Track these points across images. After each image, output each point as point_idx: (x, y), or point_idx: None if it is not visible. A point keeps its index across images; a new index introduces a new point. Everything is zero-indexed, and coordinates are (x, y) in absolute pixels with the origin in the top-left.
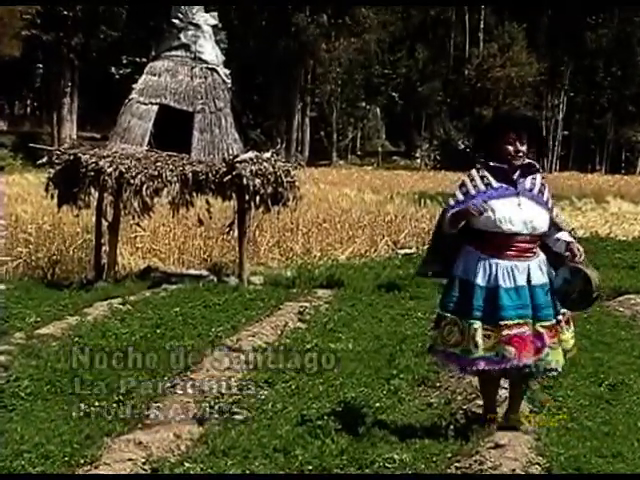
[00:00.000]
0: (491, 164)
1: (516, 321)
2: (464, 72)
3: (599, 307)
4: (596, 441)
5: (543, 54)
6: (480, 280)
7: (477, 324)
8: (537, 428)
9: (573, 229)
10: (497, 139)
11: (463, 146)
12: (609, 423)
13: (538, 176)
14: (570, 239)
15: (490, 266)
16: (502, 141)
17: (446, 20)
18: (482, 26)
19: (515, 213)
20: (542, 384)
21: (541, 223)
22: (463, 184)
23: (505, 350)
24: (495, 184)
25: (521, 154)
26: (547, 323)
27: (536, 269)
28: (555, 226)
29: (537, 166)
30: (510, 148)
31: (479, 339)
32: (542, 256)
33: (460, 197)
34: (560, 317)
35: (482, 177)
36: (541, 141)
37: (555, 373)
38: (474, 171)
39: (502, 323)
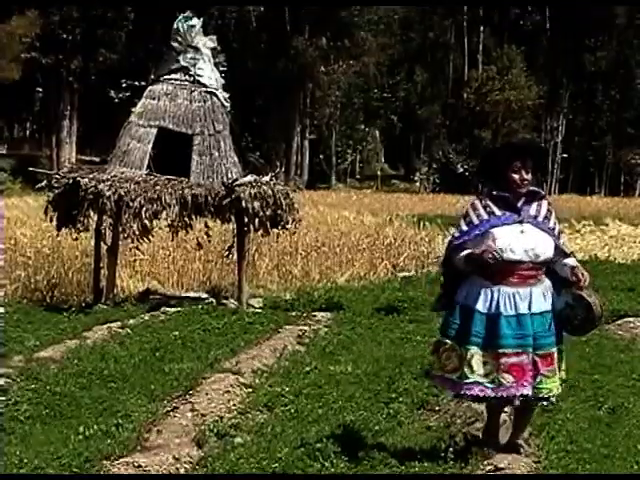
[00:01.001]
0: (494, 193)
1: (515, 350)
2: (463, 95)
3: (598, 330)
4: (595, 464)
5: (542, 77)
6: (481, 307)
7: (474, 349)
8: (536, 451)
9: (572, 252)
10: (502, 167)
11: (462, 170)
12: (608, 446)
13: (544, 202)
14: (575, 264)
15: (492, 293)
16: (507, 169)
17: (445, 43)
18: (481, 49)
19: (516, 241)
20: (541, 407)
21: (544, 250)
22: (467, 214)
23: (502, 378)
24: (498, 212)
25: (526, 182)
26: (543, 352)
27: (539, 296)
28: (562, 253)
29: (542, 193)
30: (515, 176)
31: (474, 364)
32: (547, 283)
33: (464, 227)
34: (562, 346)
35: (485, 206)
36: (544, 166)
37: (546, 403)
38: (477, 201)
39: (500, 351)
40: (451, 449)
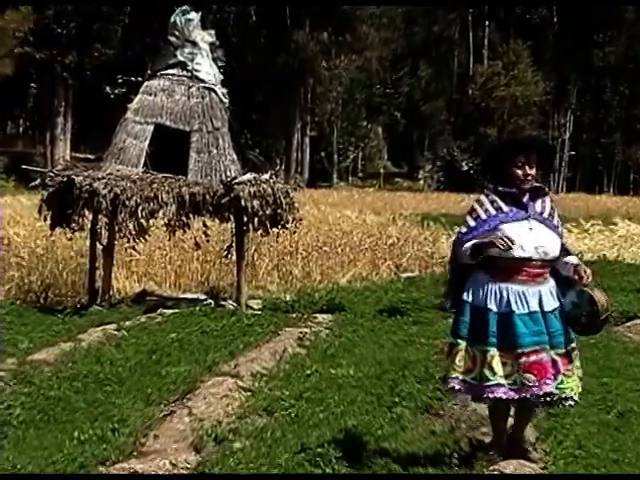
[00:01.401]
0: (500, 189)
1: (533, 348)
2: (468, 91)
3: (607, 332)
4: (604, 469)
5: (549, 72)
6: (493, 306)
7: (493, 351)
8: (543, 456)
9: (580, 252)
10: (505, 162)
11: (467, 167)
12: (617, 450)
13: (547, 199)
14: (578, 262)
15: (501, 291)
16: (511, 164)
17: (449, 37)
18: (486, 43)
19: (526, 237)
20: (548, 411)
21: (552, 248)
22: (473, 210)
23: (524, 378)
24: (505, 208)
25: (530, 177)
26: (561, 350)
27: (547, 294)
28: (565, 251)
29: (546, 189)
30: (519, 172)
31: (495, 365)
32: (552, 282)
33: (472, 223)
34: (573, 345)
35: (492, 202)
36: (551, 163)
37: (572, 402)
38: (483, 196)
39: (519, 351)
40: (456, 454)
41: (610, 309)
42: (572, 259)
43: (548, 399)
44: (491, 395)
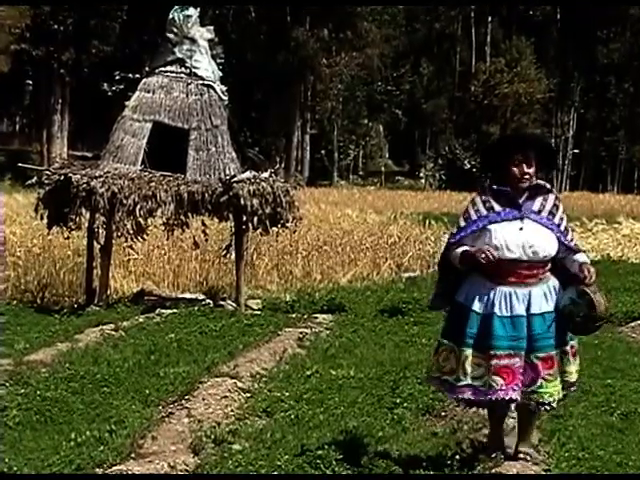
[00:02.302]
0: (494, 187)
1: (507, 352)
2: (470, 88)
3: (611, 333)
4: (608, 472)
5: (552, 69)
6: (477, 306)
7: (468, 351)
8: (547, 458)
9: (584, 251)
10: (503, 160)
11: (469, 166)
12: (621, 453)
13: (550, 197)
14: (585, 260)
15: (488, 292)
16: (508, 163)
17: (452, 34)
18: (489, 40)
19: (514, 238)
20: (551, 413)
21: (544, 247)
22: (466, 211)
23: (492, 380)
24: (497, 207)
25: (527, 176)
26: (543, 354)
27: (539, 296)
28: (570, 249)
29: (548, 187)
30: (516, 170)
31: (468, 366)
32: (552, 282)
33: (462, 223)
34: (567, 348)
35: (484, 201)
36: (553, 162)
37: (548, 408)
38: (477, 197)
39: (492, 352)
40: (458, 456)
41: (608, 316)
42: (579, 257)
43: (514, 405)
44: (460, 396)
